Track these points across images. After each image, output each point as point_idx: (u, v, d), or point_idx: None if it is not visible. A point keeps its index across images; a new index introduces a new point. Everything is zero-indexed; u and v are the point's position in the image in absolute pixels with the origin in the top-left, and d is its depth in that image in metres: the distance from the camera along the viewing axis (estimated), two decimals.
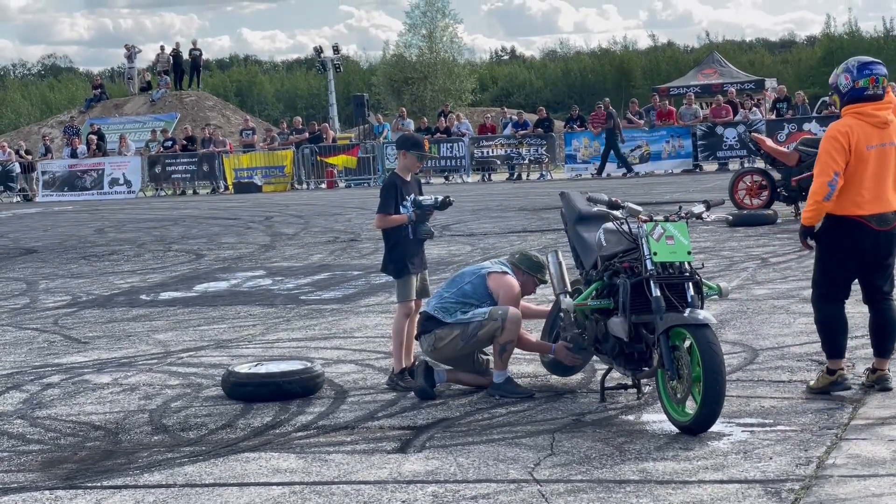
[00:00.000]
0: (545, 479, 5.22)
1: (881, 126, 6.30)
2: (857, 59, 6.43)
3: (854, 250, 6.37)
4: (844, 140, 6.24)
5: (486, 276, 7.08)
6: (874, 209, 6.30)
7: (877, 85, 6.31)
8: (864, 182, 6.27)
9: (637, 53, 69.12)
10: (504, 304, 6.90)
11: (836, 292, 6.48)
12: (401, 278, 7.23)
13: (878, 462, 5.18)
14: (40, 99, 65.55)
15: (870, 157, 6.26)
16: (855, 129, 6.26)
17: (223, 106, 47.00)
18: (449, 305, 7.01)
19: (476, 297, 7.00)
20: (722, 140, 28.79)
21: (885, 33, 60.76)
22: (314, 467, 5.59)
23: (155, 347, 9.15)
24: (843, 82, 6.37)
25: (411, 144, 7.37)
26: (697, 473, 5.18)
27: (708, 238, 14.08)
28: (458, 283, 7.16)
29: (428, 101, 51.34)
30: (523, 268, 7.16)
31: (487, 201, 22.89)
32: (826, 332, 6.51)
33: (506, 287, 7.00)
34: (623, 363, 6.42)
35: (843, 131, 6.26)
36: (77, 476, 5.67)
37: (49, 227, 22.72)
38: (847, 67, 6.39)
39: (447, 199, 7.27)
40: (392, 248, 7.24)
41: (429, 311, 7.08)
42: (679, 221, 6.30)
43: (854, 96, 6.33)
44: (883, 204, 6.32)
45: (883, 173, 6.30)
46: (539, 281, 7.23)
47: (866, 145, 6.25)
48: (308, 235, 17.85)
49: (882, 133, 6.30)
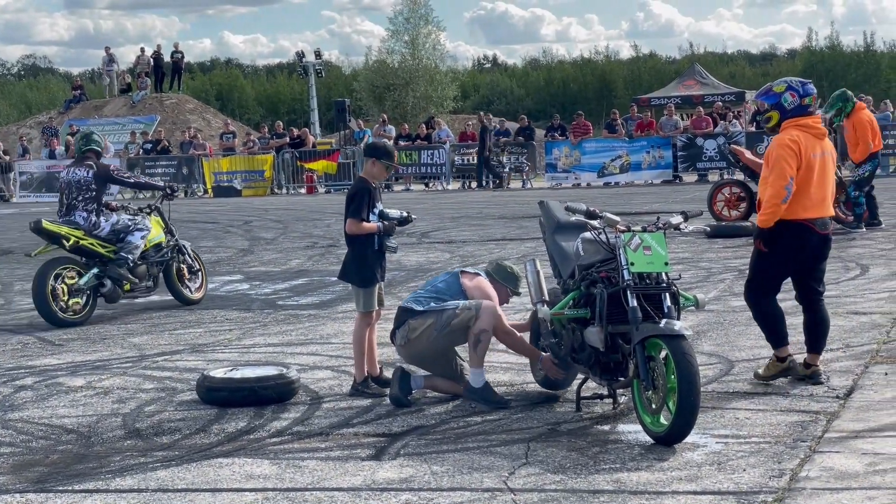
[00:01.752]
0: (519, 487, 5.21)
1: (820, 137, 6.93)
2: (799, 80, 7.09)
3: (799, 252, 6.91)
4: (796, 147, 6.78)
5: (459, 274, 7.10)
6: (819, 213, 6.88)
7: (815, 102, 7.05)
8: (810, 188, 6.82)
9: (619, 63, 69.32)
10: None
11: (771, 290, 7.04)
12: (366, 288, 7.21)
13: (851, 475, 5.20)
14: (19, 99, 65.17)
15: (815, 164, 6.83)
16: (802, 139, 6.83)
17: (203, 109, 46.84)
18: (422, 298, 6.99)
19: (449, 293, 6.97)
20: (702, 151, 28.93)
21: (866, 48, 61.16)
22: (288, 473, 5.57)
23: (130, 351, 9.10)
24: (789, 100, 6.93)
25: (383, 153, 7.32)
26: (671, 484, 5.19)
27: (686, 249, 14.12)
28: (431, 282, 7.21)
29: (409, 107, 51.34)
30: (498, 278, 7.14)
31: (467, 209, 22.91)
32: (769, 324, 7.05)
33: (480, 286, 6.97)
34: (599, 373, 6.42)
35: (794, 139, 6.81)
36: (48, 479, 5.62)
37: (25, 229, 22.56)
38: (791, 86, 6.98)
39: (410, 216, 7.31)
40: (359, 256, 7.20)
41: (402, 304, 7.09)
42: (657, 232, 6.32)
43: (799, 112, 6.92)
44: (825, 209, 6.92)
45: (823, 181, 6.90)
46: (512, 293, 7.20)
47: (812, 153, 6.83)
48: (287, 240, 17.81)
49: (822, 143, 6.92)
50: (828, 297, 9.97)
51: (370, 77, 54.06)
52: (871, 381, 6.96)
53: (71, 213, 10.99)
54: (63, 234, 10.79)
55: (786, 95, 6.92)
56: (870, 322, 8.84)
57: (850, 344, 8.06)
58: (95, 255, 10.91)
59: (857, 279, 11.14)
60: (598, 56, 71.09)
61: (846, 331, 8.52)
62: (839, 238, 14.40)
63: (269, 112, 63.40)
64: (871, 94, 36.54)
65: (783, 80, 7.09)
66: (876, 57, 59.92)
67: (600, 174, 29.91)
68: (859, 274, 11.46)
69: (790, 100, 6.91)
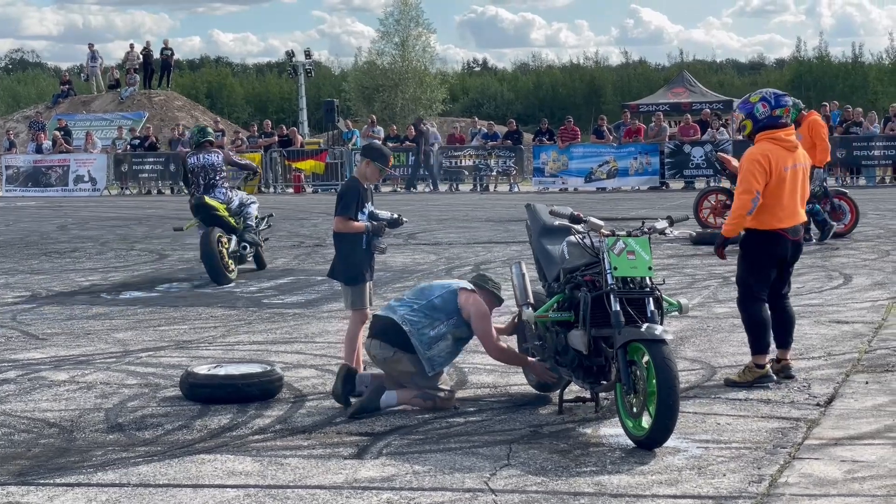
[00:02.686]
0: (501, 489, 5.23)
1: (792, 150, 7.20)
2: (772, 91, 7.33)
3: (773, 258, 7.24)
4: (766, 162, 7.07)
5: (456, 291, 6.90)
6: (791, 222, 7.21)
7: (788, 115, 7.25)
8: (782, 200, 7.13)
9: (608, 69, 69.40)
10: (475, 323, 6.78)
11: (760, 296, 7.30)
12: (356, 286, 7.21)
13: (829, 482, 5.23)
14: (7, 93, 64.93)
15: (787, 177, 7.12)
16: (773, 153, 7.11)
17: (192, 107, 46.74)
18: (417, 319, 6.79)
19: (445, 311, 6.81)
20: (689, 158, 29.02)
21: (854, 59, 61.42)
22: (270, 471, 5.58)
23: (114, 346, 9.09)
24: (760, 110, 7.17)
25: (378, 155, 7.35)
26: (651, 488, 5.21)
27: (671, 255, 14.17)
28: (426, 295, 6.93)
29: (398, 109, 51.32)
30: (487, 287, 6.99)
31: (454, 211, 22.93)
32: (755, 331, 7.28)
33: (476, 305, 6.82)
34: (582, 376, 6.44)
35: (764, 155, 7.09)
36: (30, 472, 5.62)
37: (11, 223, 22.53)
38: (764, 97, 7.22)
39: (401, 218, 7.32)
40: (347, 255, 7.20)
41: (395, 320, 6.83)
42: (641, 237, 6.35)
43: (770, 123, 7.17)
44: (796, 217, 7.25)
45: (795, 191, 7.21)
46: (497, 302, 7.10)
47: (783, 167, 7.11)
48: (273, 239, 17.78)
49: (793, 155, 7.20)
50: (811, 305, 10.08)
51: (359, 78, 54.03)
52: (852, 390, 7.01)
53: (210, 191, 12.93)
54: (216, 206, 12.83)
55: (758, 105, 7.18)
56: (852, 331, 8.89)
57: (831, 352, 8.11)
58: (227, 224, 12.87)
59: (840, 288, 11.20)
60: (588, 62, 71.20)
61: (828, 339, 8.57)
62: (823, 248, 14.48)
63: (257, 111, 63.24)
64: (858, 105, 36.68)
65: (760, 90, 7.34)
66: (864, 68, 60.14)
67: (587, 179, 29.98)
68: (842, 283, 11.52)
69: (761, 110, 7.16)
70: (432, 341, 6.74)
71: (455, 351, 6.91)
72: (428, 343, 6.73)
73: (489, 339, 6.84)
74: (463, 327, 6.82)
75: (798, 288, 11.10)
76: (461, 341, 6.91)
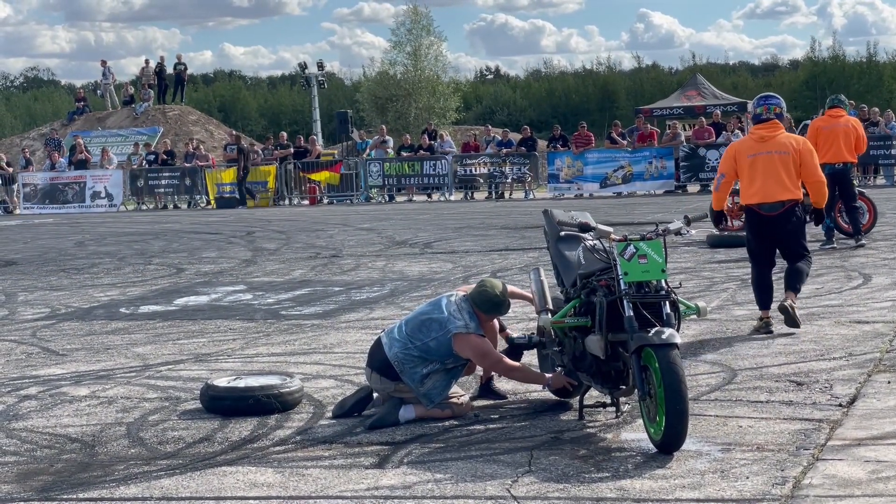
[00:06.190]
0: (522, 495, 5.22)
1: (760, 141, 8.84)
2: (766, 94, 9.11)
3: (754, 228, 8.88)
4: (731, 152, 8.96)
5: (451, 339, 6.67)
6: (760, 199, 8.73)
7: (769, 111, 8.88)
8: (748, 181, 8.80)
9: (621, 75, 69.37)
10: (478, 362, 6.75)
11: (758, 260, 8.98)
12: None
13: (853, 483, 5.20)
14: (24, 111, 65.36)
15: (753, 162, 8.75)
16: (742, 144, 9.02)
17: (206, 120, 46.95)
18: (409, 359, 6.68)
19: (439, 354, 6.69)
20: (704, 161, 28.94)
21: (869, 58, 61.20)
22: (291, 482, 5.58)
23: (133, 360, 9.12)
24: (751, 110, 9.05)
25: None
26: (674, 492, 5.19)
27: (688, 259, 14.13)
28: (423, 334, 6.72)
29: (412, 118, 51.39)
30: (482, 310, 6.80)
31: (469, 219, 22.93)
32: (755, 289, 9.06)
33: (473, 347, 6.66)
34: (601, 381, 6.42)
35: (733, 147, 9.06)
36: (53, 488, 5.63)
37: (29, 240, 22.64)
38: (756, 99, 9.10)
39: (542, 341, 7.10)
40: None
41: (389, 358, 6.71)
42: (654, 240, 6.29)
43: (756, 120, 8.98)
44: (767, 196, 8.70)
45: (771, 173, 8.71)
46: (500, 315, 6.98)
47: (747, 155, 8.81)
48: (289, 251, 17.83)
49: (761, 145, 8.80)
50: (831, 306, 10.04)
51: (372, 88, 54.12)
52: (874, 390, 6.97)
53: None
54: None
55: (753, 106, 9.09)
56: (872, 331, 8.85)
57: (852, 353, 8.07)
58: None
59: (860, 288, 11.15)
60: (600, 67, 71.18)
61: (849, 340, 8.52)
62: (841, 248, 14.41)
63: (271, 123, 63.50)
64: (873, 104, 36.58)
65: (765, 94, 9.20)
66: (879, 67, 59.95)
67: (602, 185, 29.95)
68: (862, 283, 11.47)
69: (754, 110, 9.01)
70: (424, 377, 6.67)
71: (450, 380, 6.78)
72: (420, 380, 6.67)
73: (499, 368, 6.79)
74: (460, 361, 6.76)
75: (817, 289, 11.06)
76: (457, 369, 6.81)
